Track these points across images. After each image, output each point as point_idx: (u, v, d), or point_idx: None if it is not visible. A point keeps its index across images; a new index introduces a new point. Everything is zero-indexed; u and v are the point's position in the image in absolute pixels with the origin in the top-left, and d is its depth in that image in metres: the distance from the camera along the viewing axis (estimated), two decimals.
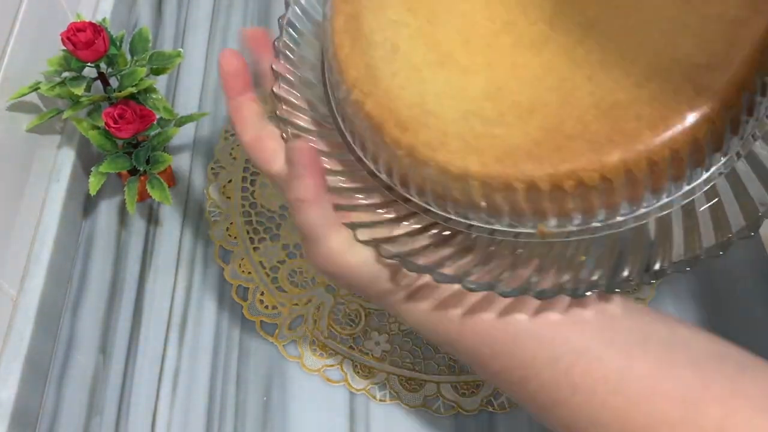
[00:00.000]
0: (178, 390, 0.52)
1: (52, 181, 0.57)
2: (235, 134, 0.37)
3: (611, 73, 0.32)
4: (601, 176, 0.30)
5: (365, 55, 0.35)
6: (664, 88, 0.31)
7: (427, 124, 0.33)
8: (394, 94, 0.34)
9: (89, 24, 0.52)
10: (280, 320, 0.55)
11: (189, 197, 0.61)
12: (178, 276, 0.57)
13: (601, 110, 0.31)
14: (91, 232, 0.60)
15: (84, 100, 0.53)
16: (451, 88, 0.34)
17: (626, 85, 0.31)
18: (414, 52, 0.35)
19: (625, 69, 0.32)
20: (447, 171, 0.33)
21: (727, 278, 0.57)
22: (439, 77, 0.34)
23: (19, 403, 0.49)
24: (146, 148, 0.56)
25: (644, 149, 0.30)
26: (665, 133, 0.30)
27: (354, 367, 0.53)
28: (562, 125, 0.31)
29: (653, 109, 0.30)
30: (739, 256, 0.58)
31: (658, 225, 0.32)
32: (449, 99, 0.34)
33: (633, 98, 0.31)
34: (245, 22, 0.72)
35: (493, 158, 0.32)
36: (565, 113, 0.32)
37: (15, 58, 0.53)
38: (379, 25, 0.36)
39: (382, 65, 0.35)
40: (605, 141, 0.30)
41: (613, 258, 0.32)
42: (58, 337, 0.55)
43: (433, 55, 0.35)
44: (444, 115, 0.33)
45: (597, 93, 0.32)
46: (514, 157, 0.31)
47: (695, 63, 0.31)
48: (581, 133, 0.31)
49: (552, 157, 0.31)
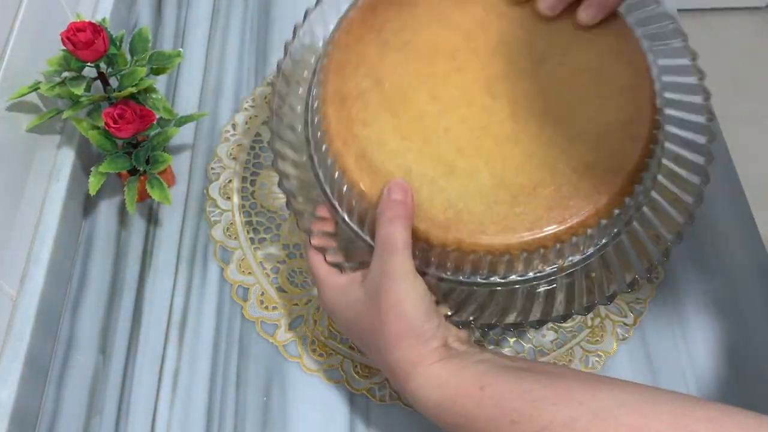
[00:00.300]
0: (178, 390, 0.52)
1: (52, 181, 0.57)
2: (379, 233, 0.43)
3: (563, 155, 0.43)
4: (597, 221, 0.42)
5: (387, 183, 0.43)
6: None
7: (462, 220, 0.42)
8: (426, 205, 0.42)
9: (89, 24, 0.52)
10: (280, 320, 0.55)
11: (189, 197, 0.61)
12: (178, 276, 0.57)
13: (578, 174, 0.43)
14: (91, 232, 0.60)
15: (84, 100, 0.53)
16: (467, 189, 0.42)
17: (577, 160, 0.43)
18: (425, 169, 0.43)
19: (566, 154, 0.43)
20: (492, 250, 0.42)
21: (727, 278, 0.57)
22: (454, 184, 0.42)
23: (19, 403, 0.49)
24: (146, 148, 0.56)
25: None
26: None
27: (354, 367, 0.53)
28: (561, 191, 0.42)
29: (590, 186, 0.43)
30: (738, 255, 0.58)
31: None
32: (470, 197, 0.42)
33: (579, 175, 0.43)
34: (245, 22, 0.72)
35: (525, 230, 0.42)
36: (557, 182, 0.42)
37: (15, 58, 0.53)
38: (387, 157, 0.43)
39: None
40: (594, 193, 0.43)
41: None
42: (58, 337, 0.55)
43: (441, 168, 0.43)
44: (473, 210, 0.42)
45: (571, 162, 0.43)
46: (540, 225, 0.42)
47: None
48: (575, 193, 0.42)
49: (564, 215, 0.42)
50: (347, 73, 0.45)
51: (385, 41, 0.46)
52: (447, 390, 0.39)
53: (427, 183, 0.43)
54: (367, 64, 0.46)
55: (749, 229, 0.60)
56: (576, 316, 0.46)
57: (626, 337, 0.54)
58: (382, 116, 0.44)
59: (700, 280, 0.57)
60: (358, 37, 0.46)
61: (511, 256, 0.42)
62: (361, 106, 0.44)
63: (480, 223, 0.42)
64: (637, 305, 0.56)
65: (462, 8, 0.47)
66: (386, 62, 0.46)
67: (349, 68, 0.46)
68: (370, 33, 0.46)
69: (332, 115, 0.44)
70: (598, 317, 0.55)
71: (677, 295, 0.56)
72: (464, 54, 0.46)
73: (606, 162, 0.43)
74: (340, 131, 0.44)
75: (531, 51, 0.46)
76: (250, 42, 0.71)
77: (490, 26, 0.46)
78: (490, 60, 0.45)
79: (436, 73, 0.45)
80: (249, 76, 0.69)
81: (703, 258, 0.58)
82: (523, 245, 0.42)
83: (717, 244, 0.59)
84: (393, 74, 0.45)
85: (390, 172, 0.43)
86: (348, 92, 0.45)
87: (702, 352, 0.54)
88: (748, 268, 0.58)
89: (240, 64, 0.69)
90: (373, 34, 0.46)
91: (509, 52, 0.46)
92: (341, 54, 0.46)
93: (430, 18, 0.47)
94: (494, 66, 0.45)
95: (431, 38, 0.46)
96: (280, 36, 0.72)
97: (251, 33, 0.72)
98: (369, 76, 0.45)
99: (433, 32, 0.46)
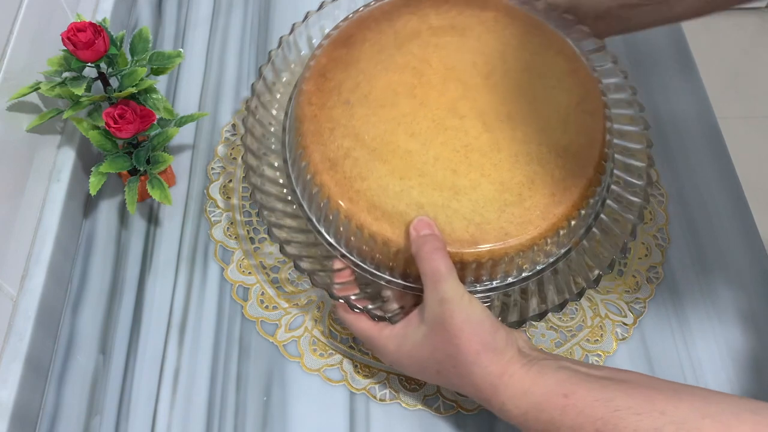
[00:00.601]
0: (178, 390, 0.52)
1: (53, 181, 0.57)
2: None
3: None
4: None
5: (406, 223, 0.46)
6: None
7: (485, 231, 0.45)
8: (448, 230, 0.46)
9: (89, 24, 0.52)
10: (281, 320, 0.55)
11: (189, 197, 0.61)
12: (179, 276, 0.57)
13: (561, 157, 0.48)
14: (91, 232, 0.60)
15: (84, 100, 0.53)
16: (476, 202, 0.46)
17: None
18: (433, 199, 0.46)
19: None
20: (521, 248, 0.45)
21: (726, 277, 0.57)
22: (464, 202, 0.46)
23: (19, 403, 0.49)
24: (146, 148, 0.56)
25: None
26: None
27: (354, 367, 0.53)
28: (555, 176, 0.47)
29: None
30: (738, 255, 0.58)
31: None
32: (483, 209, 0.46)
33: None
34: (245, 22, 0.72)
35: (540, 220, 0.46)
36: (548, 170, 0.47)
37: (15, 58, 0.53)
38: (395, 199, 0.46)
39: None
40: (581, 167, 0.48)
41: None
42: (58, 337, 0.55)
43: (446, 192, 0.46)
44: (490, 219, 0.46)
45: (551, 149, 0.48)
46: (551, 211, 0.46)
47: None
48: (566, 173, 0.47)
49: (565, 195, 0.47)
50: (326, 139, 0.48)
51: (346, 101, 0.49)
52: (533, 397, 0.40)
53: (441, 210, 0.46)
54: (340, 125, 0.48)
55: (749, 229, 0.60)
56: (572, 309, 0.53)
57: (626, 336, 0.54)
58: (375, 166, 0.47)
59: (700, 280, 0.57)
60: (321, 105, 0.49)
61: (537, 247, 0.46)
62: (352, 163, 0.47)
63: (501, 228, 0.45)
64: (637, 305, 0.56)
65: (399, 51, 0.51)
66: (356, 118, 0.49)
67: (326, 134, 0.48)
68: (330, 98, 0.50)
69: (329, 181, 0.47)
70: (597, 317, 0.55)
71: (677, 295, 0.56)
72: (420, 89, 0.50)
73: (577, 139, 0.48)
74: (343, 192, 0.47)
75: (476, 68, 0.50)
76: (251, 42, 0.71)
77: (431, 59, 0.51)
78: (445, 86, 0.50)
79: (403, 113, 0.49)
80: (249, 76, 0.69)
81: (703, 258, 0.58)
82: (543, 234, 0.46)
83: (716, 243, 0.59)
84: (367, 127, 0.48)
85: (403, 212, 0.46)
86: (334, 156, 0.47)
87: (701, 351, 0.54)
88: (748, 268, 0.58)
89: (240, 64, 0.69)
90: (333, 97, 0.50)
91: (457, 75, 0.50)
92: (312, 125, 0.49)
93: (376, 68, 0.50)
94: (450, 91, 0.49)
95: (386, 85, 0.50)
96: (279, 36, 0.72)
97: (251, 33, 0.72)
98: (347, 136, 0.48)
99: (386, 79, 0.50)
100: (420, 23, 0.52)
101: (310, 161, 0.48)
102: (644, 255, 0.58)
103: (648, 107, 0.67)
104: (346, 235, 0.47)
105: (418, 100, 0.49)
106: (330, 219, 0.47)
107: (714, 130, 0.66)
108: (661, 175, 0.63)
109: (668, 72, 0.69)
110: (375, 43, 0.52)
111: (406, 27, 0.52)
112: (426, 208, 0.46)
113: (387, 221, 0.46)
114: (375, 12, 0.53)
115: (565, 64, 0.51)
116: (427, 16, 0.53)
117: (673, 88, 0.68)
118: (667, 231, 0.60)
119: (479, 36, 0.52)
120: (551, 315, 0.55)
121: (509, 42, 0.51)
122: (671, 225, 0.60)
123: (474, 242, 0.45)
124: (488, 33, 0.52)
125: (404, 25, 0.52)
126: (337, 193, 0.47)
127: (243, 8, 0.74)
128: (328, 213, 0.47)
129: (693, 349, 0.54)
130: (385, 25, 0.52)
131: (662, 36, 0.72)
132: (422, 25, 0.52)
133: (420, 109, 0.49)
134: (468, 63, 0.50)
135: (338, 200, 0.46)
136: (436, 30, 0.52)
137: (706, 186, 0.62)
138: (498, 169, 0.47)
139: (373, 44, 0.52)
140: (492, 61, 0.51)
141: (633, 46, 0.71)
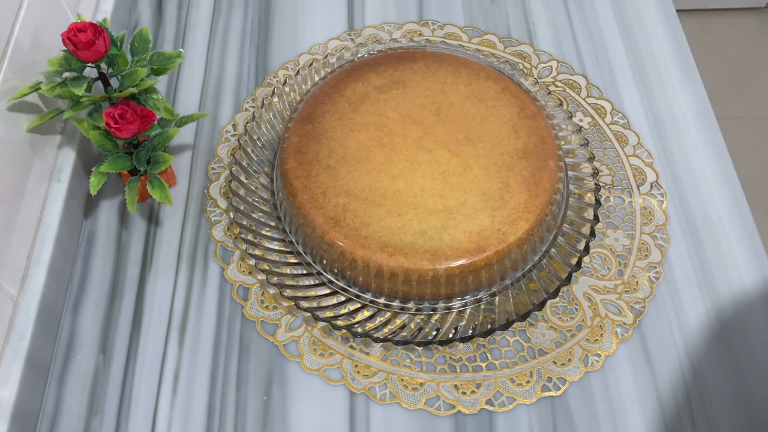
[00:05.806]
0: (178, 390, 0.52)
1: (53, 181, 0.58)
2: None
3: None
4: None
5: (417, 251, 0.52)
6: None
7: (488, 238, 0.52)
8: (456, 245, 0.52)
9: (90, 24, 0.52)
10: (281, 320, 0.55)
11: (189, 197, 0.62)
12: (179, 276, 0.57)
13: (524, 159, 0.56)
14: (91, 232, 0.60)
15: (85, 100, 0.53)
16: (469, 215, 0.53)
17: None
18: (434, 223, 0.53)
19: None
20: (523, 240, 0.53)
21: (726, 277, 0.57)
22: (459, 218, 0.53)
23: (20, 402, 0.49)
24: (147, 148, 0.56)
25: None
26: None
27: (354, 366, 0.53)
28: (524, 175, 0.55)
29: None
30: (738, 255, 0.58)
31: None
32: (477, 219, 0.53)
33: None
34: (245, 22, 0.73)
35: (528, 214, 0.53)
36: (517, 172, 0.55)
37: (16, 58, 0.53)
38: (402, 234, 0.52)
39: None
40: (542, 161, 0.56)
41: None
42: (59, 336, 0.55)
43: (442, 215, 0.53)
44: (487, 226, 0.52)
45: (513, 155, 0.56)
46: (534, 204, 0.54)
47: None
48: (534, 170, 0.56)
49: (539, 187, 0.55)
50: (322, 203, 0.54)
51: (327, 166, 0.56)
52: None
53: (443, 230, 0.52)
54: (330, 187, 0.55)
55: (749, 229, 0.60)
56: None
57: (625, 336, 0.54)
58: (373, 212, 0.53)
59: (699, 280, 0.57)
60: (306, 176, 0.55)
61: (534, 234, 0.53)
62: (352, 215, 0.53)
63: (499, 231, 0.52)
64: (637, 305, 0.56)
65: (357, 113, 0.58)
66: (341, 177, 0.55)
67: (320, 198, 0.54)
68: (312, 167, 0.56)
69: (338, 237, 0.52)
70: (597, 317, 0.55)
71: (676, 295, 0.56)
72: (387, 138, 0.57)
73: (530, 140, 0.57)
74: (354, 243, 0.52)
75: (426, 109, 0.59)
76: (251, 42, 0.71)
77: (385, 112, 0.59)
78: (406, 130, 0.57)
79: (380, 161, 0.56)
80: (249, 76, 0.69)
81: (703, 258, 0.58)
82: (535, 224, 0.53)
83: (716, 243, 0.59)
84: (354, 182, 0.55)
85: (412, 242, 0.52)
86: (335, 214, 0.53)
87: (701, 351, 0.54)
88: (748, 268, 0.58)
89: (240, 65, 0.69)
90: (315, 166, 0.56)
91: (413, 119, 0.58)
92: (305, 194, 0.54)
93: (343, 132, 0.57)
94: (412, 133, 0.57)
95: (357, 143, 0.57)
96: (280, 36, 0.72)
97: (251, 33, 0.72)
98: (339, 194, 0.54)
99: (354, 139, 0.57)
100: (365, 86, 0.60)
101: (314, 226, 0.53)
102: (644, 255, 0.58)
103: (648, 107, 0.67)
104: (366, 279, 0.53)
105: (388, 148, 0.56)
106: (349, 270, 0.53)
107: (713, 130, 0.66)
108: (661, 175, 0.63)
109: (668, 72, 0.70)
110: (333, 112, 0.59)
111: (355, 92, 0.60)
112: (429, 233, 0.52)
113: (401, 254, 0.51)
114: (324, 88, 0.61)
115: (496, 85, 0.60)
116: (369, 79, 0.61)
117: (672, 87, 0.68)
118: (667, 231, 0.60)
119: (418, 83, 0.60)
120: (551, 315, 0.55)
121: (444, 81, 0.60)
122: (671, 225, 0.60)
123: (483, 250, 0.51)
124: (424, 79, 0.61)
125: (353, 91, 0.60)
126: (350, 246, 0.52)
127: (243, 8, 0.74)
128: (344, 266, 0.53)
129: (693, 349, 0.54)
130: (336, 97, 0.60)
131: (662, 36, 0.72)
132: (368, 87, 0.60)
133: (392, 154, 0.56)
134: (417, 107, 0.59)
135: (352, 251, 0.52)
136: (381, 88, 0.60)
137: (706, 186, 0.62)
138: (476, 183, 0.54)
139: (333, 114, 0.59)
140: (436, 100, 0.59)
141: (633, 46, 0.71)
